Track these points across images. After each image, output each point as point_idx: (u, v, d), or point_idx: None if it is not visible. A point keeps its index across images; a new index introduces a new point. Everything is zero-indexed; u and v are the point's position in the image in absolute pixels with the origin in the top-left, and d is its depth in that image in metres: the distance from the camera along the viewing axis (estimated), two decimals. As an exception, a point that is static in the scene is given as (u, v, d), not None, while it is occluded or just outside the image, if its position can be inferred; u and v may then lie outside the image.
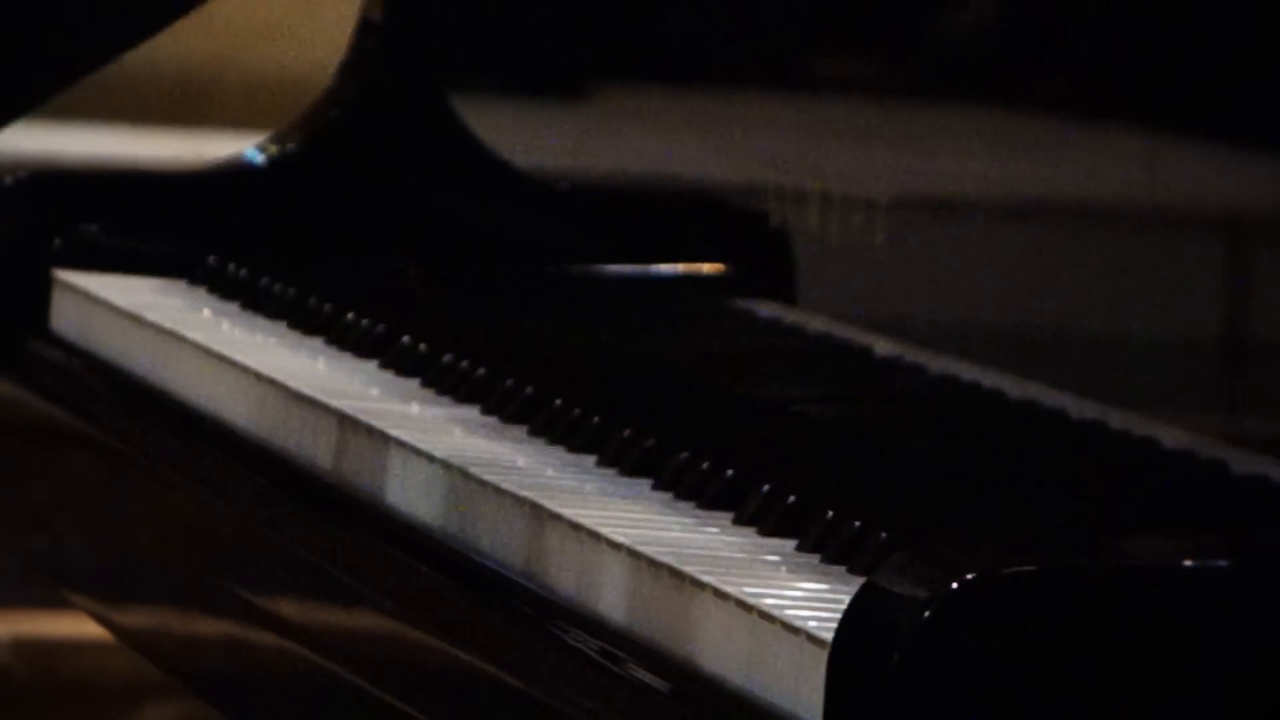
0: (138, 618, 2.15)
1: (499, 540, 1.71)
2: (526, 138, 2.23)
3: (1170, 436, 1.73)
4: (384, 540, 1.88)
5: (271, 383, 2.09)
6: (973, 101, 1.92)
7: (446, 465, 1.86)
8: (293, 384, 2.12)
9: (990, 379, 1.83)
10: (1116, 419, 1.76)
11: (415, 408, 2.02)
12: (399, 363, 2.14)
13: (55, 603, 2.39)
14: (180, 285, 2.21)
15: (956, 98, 1.94)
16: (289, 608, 1.90)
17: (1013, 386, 1.81)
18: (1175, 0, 1.81)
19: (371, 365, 2.15)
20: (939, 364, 1.87)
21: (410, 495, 1.91)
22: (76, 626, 3.20)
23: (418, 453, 1.88)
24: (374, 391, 2.10)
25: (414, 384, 2.12)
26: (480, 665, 1.71)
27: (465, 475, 1.82)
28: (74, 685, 3.68)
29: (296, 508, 1.97)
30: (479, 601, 1.74)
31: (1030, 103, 1.86)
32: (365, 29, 2.29)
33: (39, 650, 3.67)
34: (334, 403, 2.05)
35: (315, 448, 2.04)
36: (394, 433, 1.91)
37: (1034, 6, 1.88)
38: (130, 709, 3.67)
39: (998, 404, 1.81)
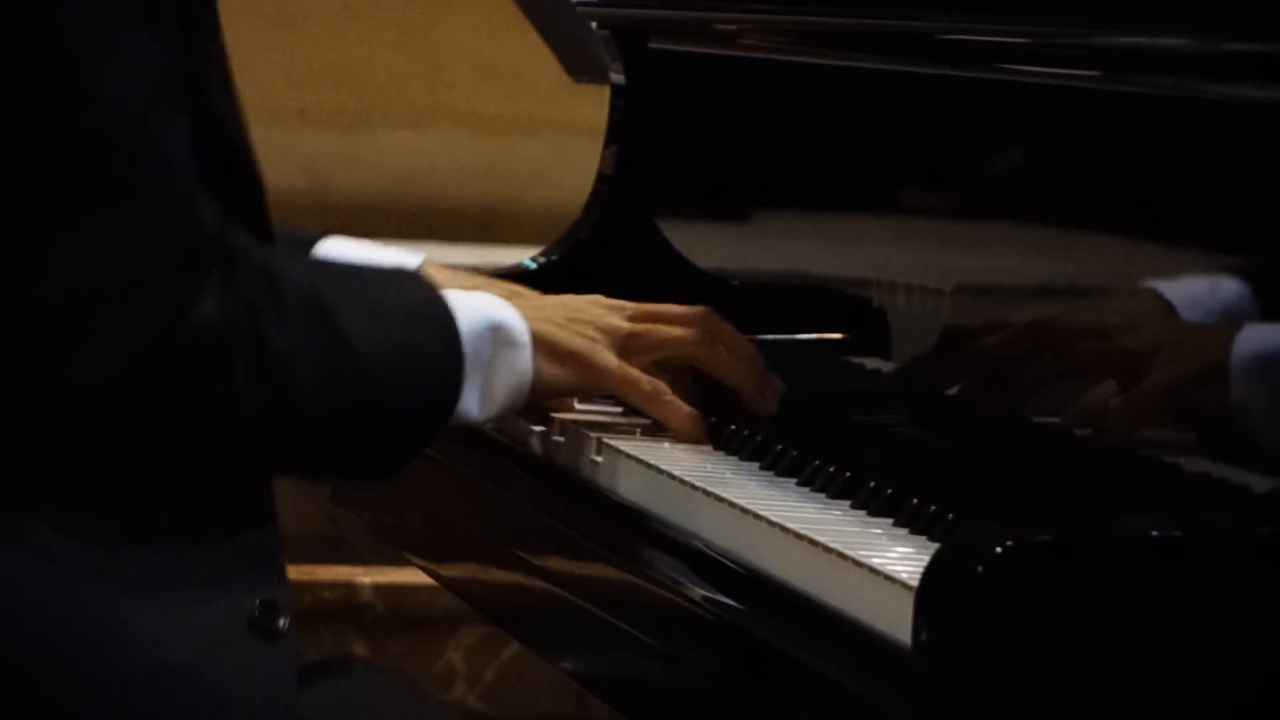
0: (454, 570, 2.16)
1: (717, 528, 1.66)
2: (708, 248, 2.20)
3: (1139, 450, 1.68)
4: (607, 516, 1.82)
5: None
6: (1002, 224, 1.88)
7: (671, 475, 1.77)
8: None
9: (1021, 413, 1.79)
10: (1101, 441, 1.72)
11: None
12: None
13: (399, 560, 2.37)
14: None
15: (994, 221, 1.89)
16: (553, 563, 1.86)
17: (1036, 417, 1.77)
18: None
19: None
20: (986, 401, 1.83)
21: (629, 484, 1.83)
22: (414, 576, 3.18)
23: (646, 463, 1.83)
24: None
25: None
26: (671, 597, 1.67)
27: (683, 483, 1.75)
28: (413, 615, 3.68)
29: (555, 500, 1.90)
30: (694, 565, 1.67)
31: (1041, 222, 1.81)
32: (602, 178, 2.26)
33: (390, 591, 3.68)
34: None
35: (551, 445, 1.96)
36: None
37: (1048, 158, 1.82)
38: (450, 632, 3.66)
39: (1026, 429, 1.76)
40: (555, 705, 3.63)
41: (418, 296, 1.80)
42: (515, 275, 2.18)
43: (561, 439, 1.91)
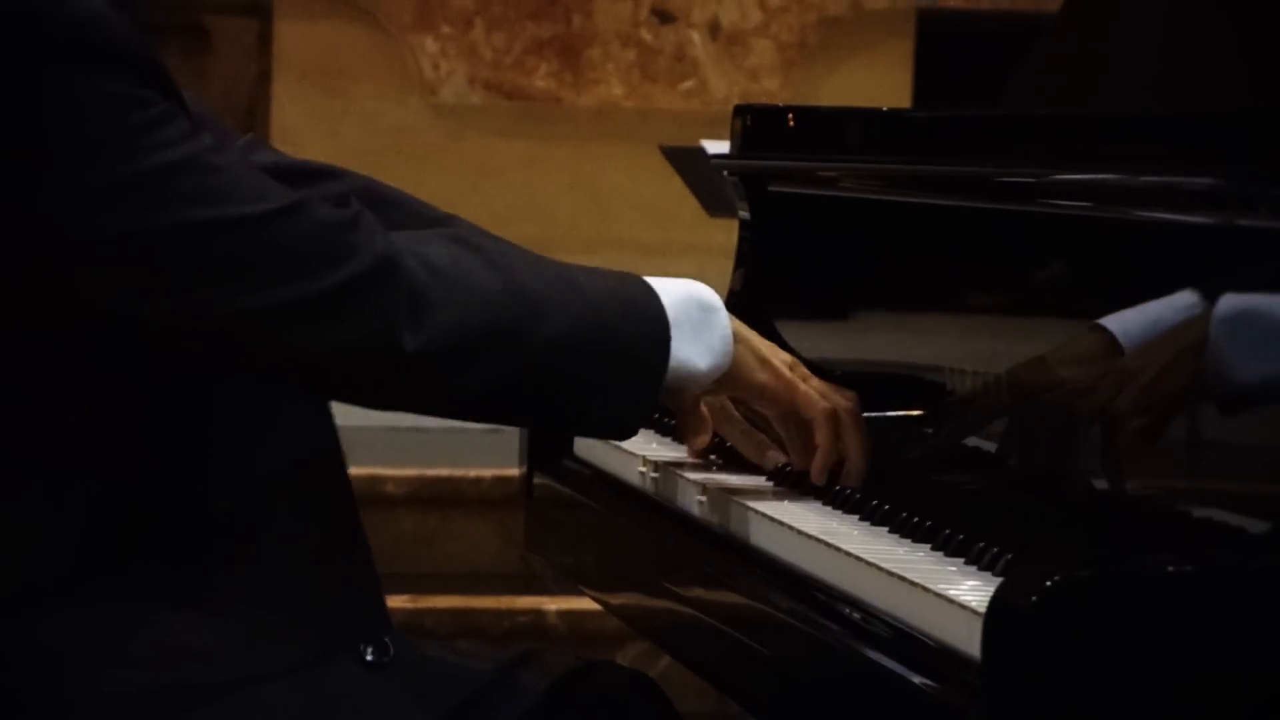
0: (618, 600, 2.13)
1: (830, 568, 1.66)
2: (815, 342, 2.18)
3: (1156, 501, 1.67)
4: (740, 559, 1.80)
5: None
6: (1042, 320, 1.86)
7: (792, 528, 1.75)
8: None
9: (1057, 473, 1.77)
10: (1125, 495, 1.70)
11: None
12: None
13: (576, 592, 2.36)
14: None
15: (1035, 318, 1.87)
16: (695, 594, 1.86)
17: (1070, 478, 1.75)
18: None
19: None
20: (1024, 462, 1.81)
21: (758, 535, 1.80)
22: (587, 604, 3.19)
23: (766, 515, 1.81)
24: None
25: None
26: (789, 620, 1.65)
27: (800, 533, 1.72)
28: (588, 634, 3.68)
29: (698, 546, 1.87)
30: (807, 596, 1.66)
31: (1072, 318, 1.79)
32: (732, 293, 2.24)
33: (570, 616, 3.68)
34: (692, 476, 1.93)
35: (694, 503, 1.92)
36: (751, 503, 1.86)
37: (1073, 270, 1.81)
38: (617, 647, 3.66)
39: (1065, 487, 1.75)
40: (699, 704, 3.60)
41: (618, 274, 1.76)
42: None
43: (704, 499, 1.89)
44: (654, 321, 1.70)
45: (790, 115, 2.22)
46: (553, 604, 3.70)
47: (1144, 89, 1.99)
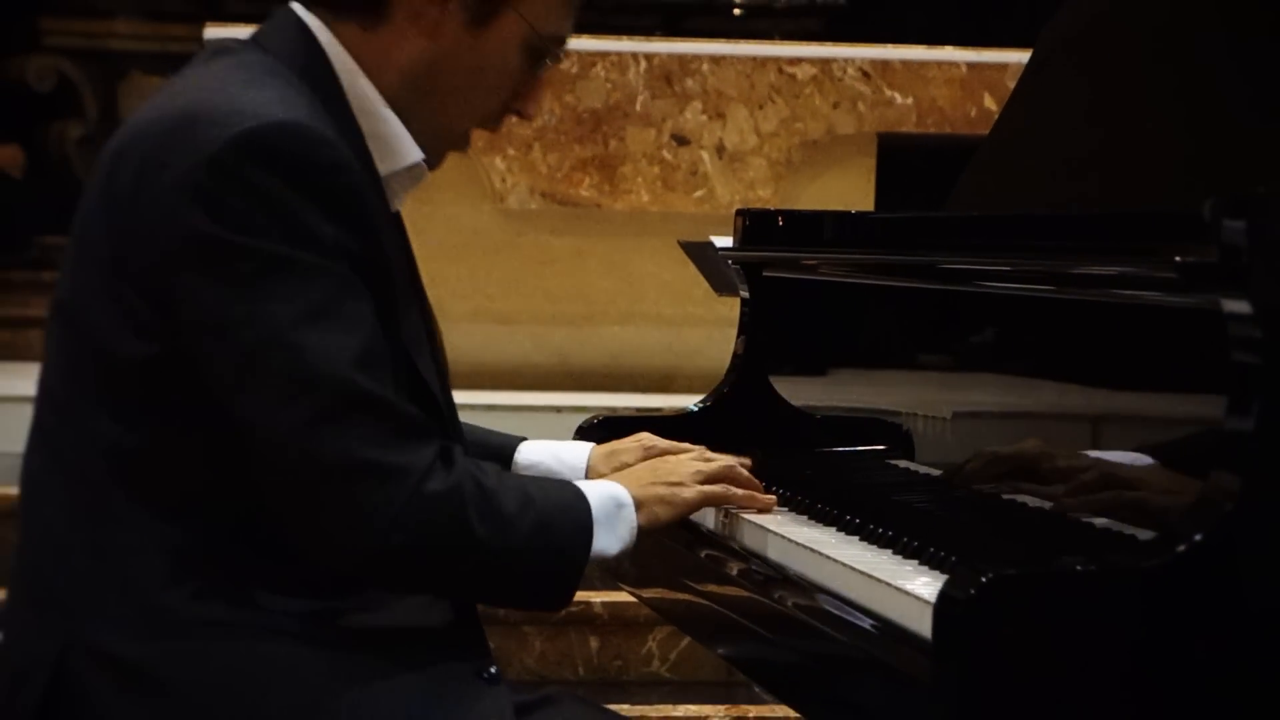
0: (649, 593, 2.10)
1: (810, 567, 1.65)
2: (801, 393, 2.18)
3: (1067, 516, 1.66)
4: (740, 559, 1.79)
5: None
6: (980, 375, 1.86)
7: (781, 535, 1.73)
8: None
9: (992, 494, 1.77)
10: (1045, 512, 1.70)
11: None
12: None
13: (616, 587, 2.33)
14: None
15: (975, 374, 1.87)
16: (709, 588, 1.85)
17: (1005, 496, 1.75)
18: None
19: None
20: (975, 487, 1.81)
21: (753, 542, 1.78)
22: (624, 597, 3.16)
23: (762, 527, 1.81)
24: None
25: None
26: (782, 608, 1.64)
27: (789, 540, 1.72)
28: (625, 620, 3.63)
29: (697, 550, 1.85)
30: (794, 589, 1.64)
31: (1006, 374, 1.79)
32: (736, 355, 2.23)
33: (611, 606, 3.63)
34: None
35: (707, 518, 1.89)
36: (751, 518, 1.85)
37: (1008, 337, 1.82)
38: (649, 630, 3.62)
39: (999, 504, 1.75)
40: (714, 674, 3.55)
41: (565, 486, 1.67)
42: (684, 415, 2.16)
43: (717, 517, 1.87)
44: (580, 524, 1.63)
45: (780, 217, 2.23)
46: (598, 597, 3.60)
47: (1055, 196, 2.00)
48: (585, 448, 1.91)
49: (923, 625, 1.38)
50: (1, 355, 6.51)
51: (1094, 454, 1.66)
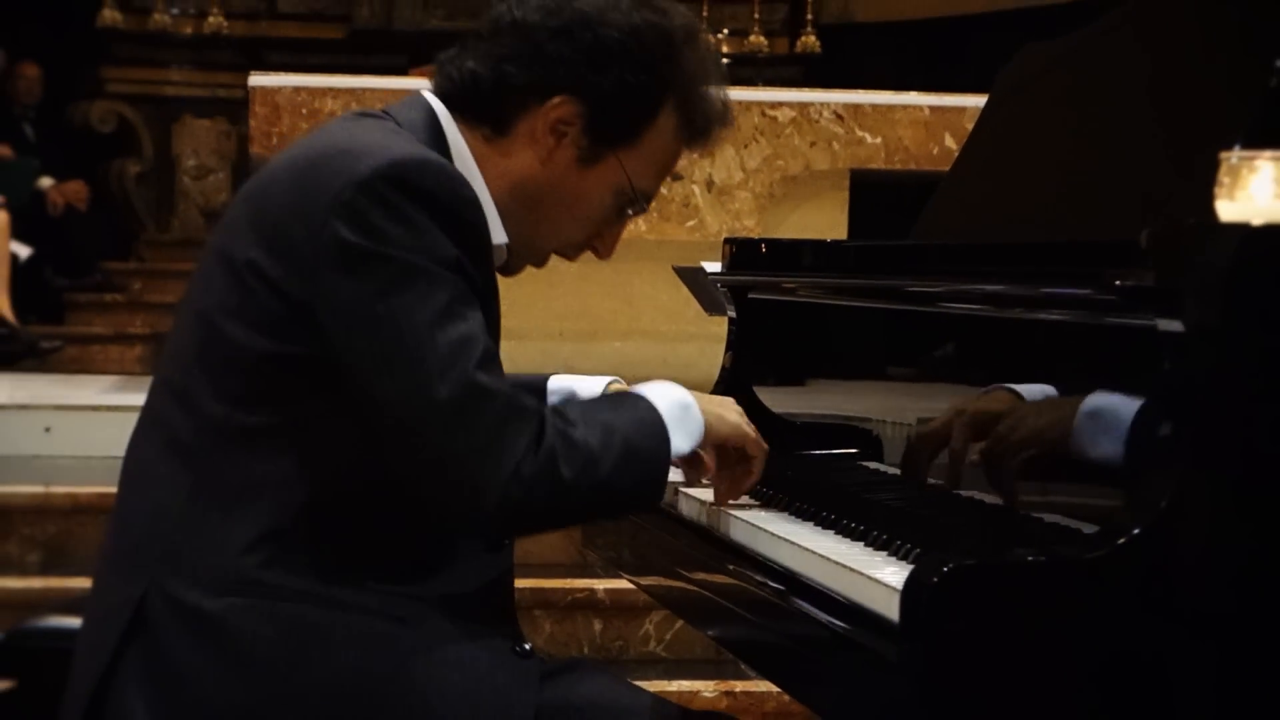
0: (646, 580, 2.11)
1: (790, 557, 1.64)
2: (782, 400, 2.18)
3: (1019, 512, 1.66)
4: (725, 549, 1.78)
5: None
6: (941, 386, 1.86)
7: (763, 529, 1.71)
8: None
9: (953, 489, 1.77)
10: (999, 507, 1.70)
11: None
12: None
13: (617, 575, 2.33)
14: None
15: (937, 384, 1.87)
16: (698, 575, 1.85)
17: (965, 492, 1.75)
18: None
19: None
20: (936, 483, 1.80)
21: (739, 533, 1.77)
22: (624, 585, 3.15)
23: (746, 521, 1.80)
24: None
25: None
26: (764, 595, 1.64)
27: (771, 534, 1.70)
28: (625, 605, 3.63)
29: (698, 541, 1.84)
30: (775, 577, 1.65)
31: (962, 384, 1.79)
32: (724, 368, 2.23)
33: (613, 593, 3.64)
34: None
35: (697, 514, 1.89)
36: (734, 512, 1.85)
37: (963, 352, 1.83)
38: (647, 614, 3.62)
39: (957, 501, 1.75)
40: (704, 653, 3.55)
41: (639, 402, 1.67)
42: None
43: (705, 510, 1.87)
44: (659, 434, 1.65)
45: (763, 245, 2.22)
46: (600, 584, 3.61)
47: (1008, 225, 2.00)
48: (602, 382, 1.92)
49: (891, 610, 1.38)
50: (70, 369, 6.51)
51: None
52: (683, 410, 1.68)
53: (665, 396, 1.68)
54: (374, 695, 1.56)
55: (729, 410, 1.76)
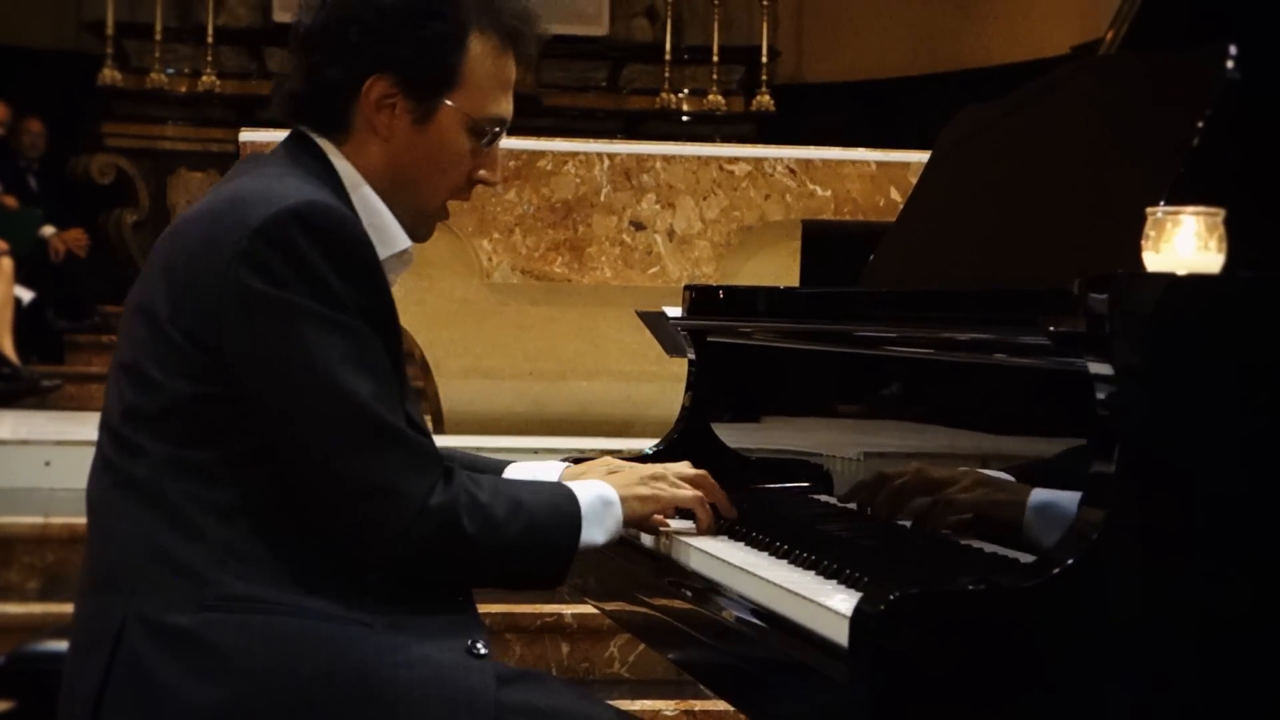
0: (610, 606, 2.08)
1: (745, 585, 1.64)
2: (739, 436, 2.17)
3: (962, 543, 1.66)
4: (685, 577, 1.78)
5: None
6: (885, 423, 1.85)
7: (718, 558, 1.72)
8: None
9: (899, 524, 1.76)
10: (943, 539, 1.69)
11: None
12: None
13: (583, 601, 2.31)
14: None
15: (882, 421, 1.87)
16: (658, 602, 1.83)
17: (909, 525, 1.74)
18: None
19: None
20: (883, 518, 1.80)
21: (698, 563, 1.76)
22: (589, 610, 3.12)
23: (704, 551, 1.79)
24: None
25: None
26: (722, 620, 1.63)
27: (726, 562, 1.70)
28: (590, 629, 3.61)
29: (659, 571, 1.83)
30: (731, 603, 1.64)
31: (907, 420, 1.79)
32: (684, 407, 2.22)
33: (580, 617, 3.61)
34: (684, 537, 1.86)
35: (657, 544, 1.86)
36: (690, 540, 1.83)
37: (907, 392, 1.83)
38: (611, 638, 3.60)
39: (903, 533, 1.74)
40: (665, 674, 3.52)
41: (559, 490, 1.71)
42: (641, 456, 2.13)
43: (665, 540, 1.85)
44: (570, 524, 1.67)
45: (720, 291, 2.21)
46: (568, 609, 3.58)
47: (949, 273, 2.00)
48: (559, 468, 1.92)
49: (840, 635, 1.38)
50: (69, 406, 6.48)
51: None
52: (604, 505, 1.72)
53: (590, 491, 1.71)
54: (344, 694, 1.55)
55: (658, 486, 1.78)
